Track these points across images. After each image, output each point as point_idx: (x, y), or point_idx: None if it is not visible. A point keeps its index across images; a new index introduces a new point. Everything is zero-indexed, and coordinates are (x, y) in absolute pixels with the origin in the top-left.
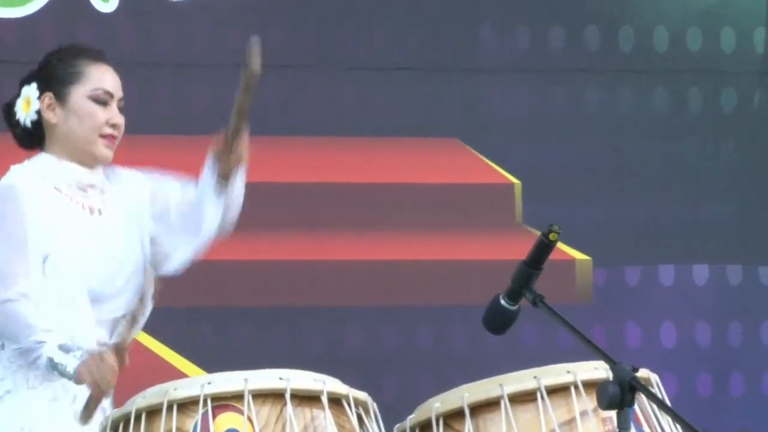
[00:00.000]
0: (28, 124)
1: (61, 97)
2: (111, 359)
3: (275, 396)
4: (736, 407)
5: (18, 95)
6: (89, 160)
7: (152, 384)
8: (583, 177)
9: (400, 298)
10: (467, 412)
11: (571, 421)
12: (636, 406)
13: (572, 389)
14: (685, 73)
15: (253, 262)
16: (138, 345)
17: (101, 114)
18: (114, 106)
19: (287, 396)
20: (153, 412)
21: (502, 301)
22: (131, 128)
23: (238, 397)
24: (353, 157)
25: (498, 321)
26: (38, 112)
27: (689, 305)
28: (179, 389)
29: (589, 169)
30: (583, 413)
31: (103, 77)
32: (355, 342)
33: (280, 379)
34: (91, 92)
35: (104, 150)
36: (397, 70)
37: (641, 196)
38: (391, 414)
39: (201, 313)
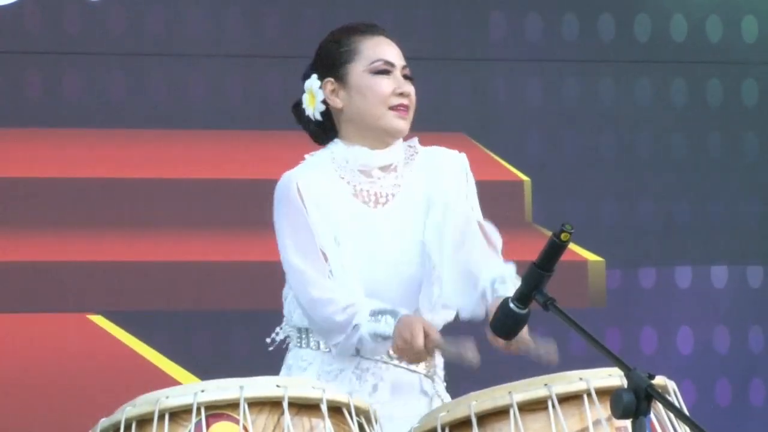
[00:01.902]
0: (318, 116)
1: (341, 79)
2: (419, 344)
3: (272, 404)
4: (757, 416)
5: (303, 92)
6: (383, 138)
7: (143, 392)
8: (597, 174)
9: None
10: (474, 421)
11: (584, 431)
12: (652, 415)
13: (585, 397)
14: (704, 64)
15: (252, 264)
16: (128, 350)
17: (385, 85)
18: (398, 74)
19: (285, 404)
20: (144, 421)
21: (512, 305)
22: (122, 122)
23: (233, 405)
24: None
25: (507, 325)
26: (324, 102)
27: (707, 309)
28: (171, 397)
29: (603, 166)
30: (597, 422)
31: (377, 48)
32: None
33: (278, 386)
34: (369, 66)
35: (396, 121)
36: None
37: (657, 193)
38: None
39: (195, 317)
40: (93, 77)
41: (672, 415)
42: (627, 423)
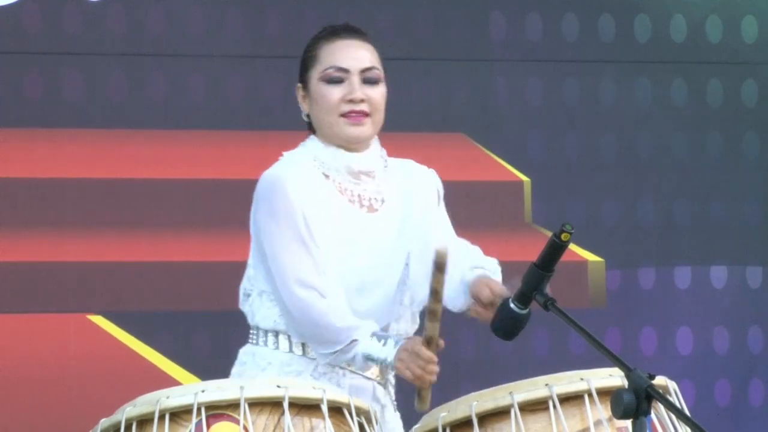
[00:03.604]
0: (305, 118)
1: (306, 86)
2: (425, 352)
3: (273, 405)
4: (757, 416)
5: None
6: (349, 144)
7: (143, 392)
8: (596, 174)
9: None
10: (475, 421)
11: (585, 431)
12: (653, 416)
13: (586, 397)
14: (704, 65)
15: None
16: (128, 351)
17: (334, 93)
18: (354, 80)
19: (285, 404)
20: (144, 421)
21: (512, 305)
22: (122, 122)
23: (234, 405)
24: None
25: (508, 326)
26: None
27: (707, 309)
28: (172, 397)
29: (603, 166)
30: (597, 423)
31: (333, 55)
32: None
33: (278, 387)
34: (322, 73)
35: (348, 129)
36: (400, 60)
37: (657, 194)
38: None
39: (195, 317)
40: (93, 77)
41: (673, 416)
42: (628, 423)
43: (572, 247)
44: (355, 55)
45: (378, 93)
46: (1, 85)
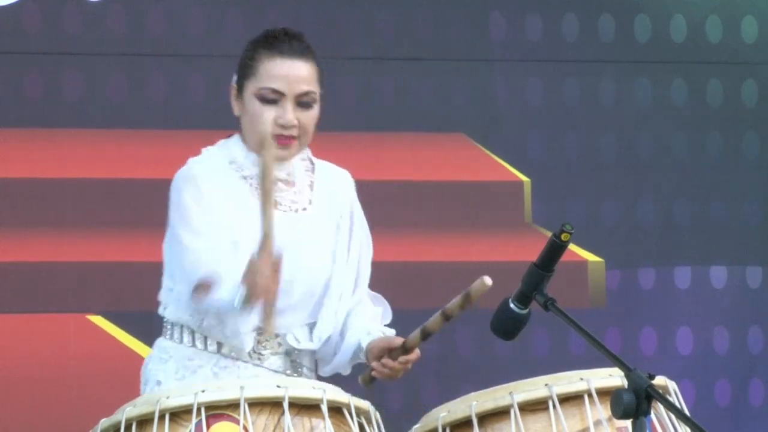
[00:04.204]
0: (236, 112)
1: (240, 90)
2: (266, 267)
3: (273, 404)
4: (757, 416)
5: None
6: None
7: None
8: (596, 174)
9: (402, 301)
10: (475, 421)
11: (585, 431)
12: (653, 416)
13: (585, 397)
14: (704, 65)
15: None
16: (128, 351)
17: (267, 115)
18: (288, 103)
19: (285, 404)
20: (144, 421)
21: (512, 305)
22: (122, 122)
23: (234, 405)
24: (353, 153)
25: (507, 326)
26: None
27: (707, 309)
28: (172, 398)
29: (603, 166)
30: (597, 423)
31: (272, 73)
32: None
33: (278, 386)
34: (258, 90)
35: (275, 150)
36: (400, 60)
37: (656, 194)
38: (394, 423)
39: None
40: (93, 77)
41: (672, 416)
42: (627, 423)
43: (572, 247)
44: (294, 78)
45: (309, 117)
46: (1, 85)
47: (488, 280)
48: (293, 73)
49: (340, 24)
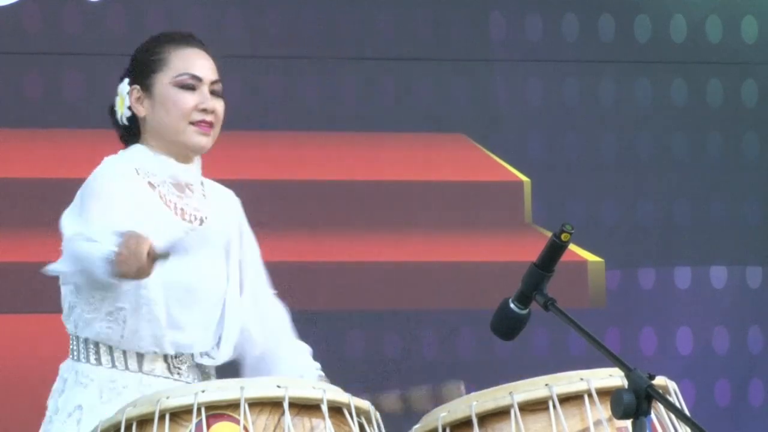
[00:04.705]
0: (125, 121)
1: (147, 89)
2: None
3: (273, 405)
4: (757, 416)
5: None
6: (184, 152)
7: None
8: (596, 174)
9: (403, 301)
10: (475, 421)
11: (585, 431)
12: (653, 416)
13: (586, 398)
14: (704, 65)
15: None
16: None
17: (188, 99)
18: (205, 90)
19: (285, 405)
20: (144, 421)
21: (512, 305)
22: None
23: (234, 405)
24: (353, 153)
25: (507, 326)
26: (130, 108)
27: (707, 309)
28: (172, 398)
29: (603, 166)
30: (597, 423)
31: (186, 61)
32: (356, 347)
33: (278, 387)
34: (174, 78)
35: (197, 137)
36: (401, 60)
37: (657, 194)
38: (394, 423)
39: None
40: (93, 77)
41: (672, 416)
42: (627, 423)
43: (572, 247)
44: (207, 65)
45: (221, 107)
46: (1, 85)
47: (463, 389)
48: (204, 61)
49: (340, 24)
